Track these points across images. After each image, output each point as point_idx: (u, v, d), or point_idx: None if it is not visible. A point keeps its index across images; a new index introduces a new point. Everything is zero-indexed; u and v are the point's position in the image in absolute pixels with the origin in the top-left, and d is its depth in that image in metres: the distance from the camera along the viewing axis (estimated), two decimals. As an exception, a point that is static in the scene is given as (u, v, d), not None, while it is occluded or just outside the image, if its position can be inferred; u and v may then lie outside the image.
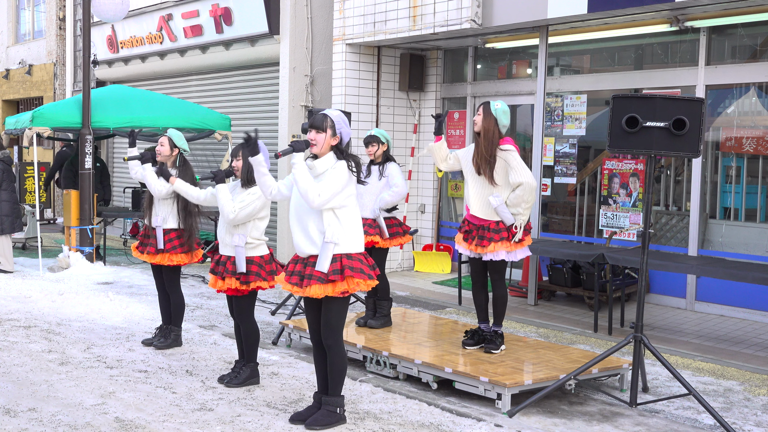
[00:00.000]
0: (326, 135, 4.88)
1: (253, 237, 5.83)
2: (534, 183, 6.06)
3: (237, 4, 12.57)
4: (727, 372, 6.66)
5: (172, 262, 6.79)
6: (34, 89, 19.94)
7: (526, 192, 6.02)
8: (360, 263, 4.86)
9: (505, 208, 6.09)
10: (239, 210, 5.72)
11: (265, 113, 12.99)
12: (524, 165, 6.09)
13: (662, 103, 5.33)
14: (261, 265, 5.87)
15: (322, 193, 4.69)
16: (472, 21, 9.25)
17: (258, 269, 5.84)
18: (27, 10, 20.85)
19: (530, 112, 10.21)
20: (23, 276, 10.46)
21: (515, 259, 6.22)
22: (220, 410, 5.36)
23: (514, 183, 6.04)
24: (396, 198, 6.91)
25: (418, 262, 11.42)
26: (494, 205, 6.10)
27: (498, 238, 6.13)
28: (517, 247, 6.16)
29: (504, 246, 6.12)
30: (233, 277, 5.82)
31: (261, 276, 5.85)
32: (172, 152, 6.85)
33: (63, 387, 5.77)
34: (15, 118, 12.03)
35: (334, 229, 4.81)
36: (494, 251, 6.13)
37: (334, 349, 4.97)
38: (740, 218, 8.72)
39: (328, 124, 4.89)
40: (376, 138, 7.01)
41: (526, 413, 5.46)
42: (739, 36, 8.61)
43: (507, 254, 6.16)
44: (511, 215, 6.09)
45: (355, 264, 4.83)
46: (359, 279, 4.82)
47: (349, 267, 4.80)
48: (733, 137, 8.67)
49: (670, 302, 9.05)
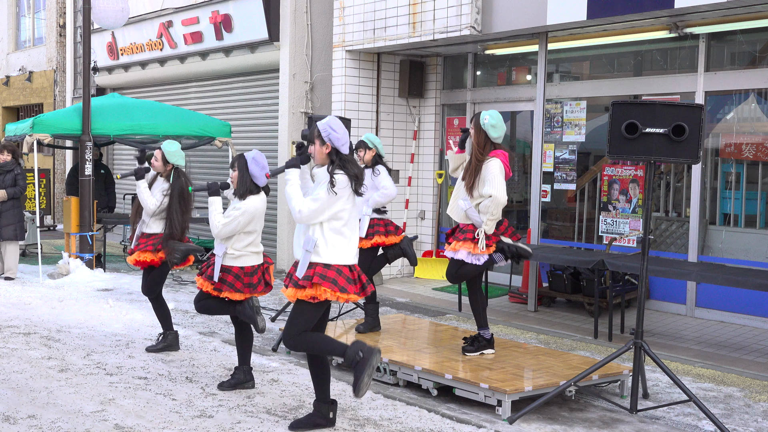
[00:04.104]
0: (316, 145, 4.94)
1: (234, 248, 5.83)
2: (503, 199, 6.06)
3: (237, 11, 12.60)
4: (728, 378, 6.65)
5: (139, 259, 6.81)
6: (34, 96, 19.96)
7: (493, 205, 6.03)
8: (336, 274, 4.84)
9: (474, 211, 6.15)
10: (222, 226, 5.75)
11: (265, 120, 13.01)
12: (501, 180, 6.09)
13: (662, 109, 5.34)
14: (238, 276, 5.85)
15: (303, 210, 4.80)
16: (471, 27, 9.27)
17: (233, 280, 5.84)
18: (27, 17, 20.89)
19: (530, 119, 10.22)
20: (23, 283, 10.45)
21: (478, 263, 6.17)
22: (219, 417, 5.35)
23: (485, 194, 6.07)
24: (384, 199, 7.08)
25: (418, 268, 11.42)
26: (463, 208, 6.19)
27: (462, 238, 6.18)
28: (481, 253, 6.14)
29: (466, 246, 6.14)
30: (208, 281, 5.90)
31: (235, 287, 5.84)
32: (166, 167, 6.88)
33: (63, 394, 5.76)
34: (15, 125, 12.04)
35: (316, 239, 4.85)
36: (456, 250, 6.19)
37: (293, 345, 5.00)
38: (740, 224, 8.72)
39: (315, 135, 4.92)
40: (363, 143, 7.21)
41: (526, 420, 5.46)
42: (738, 42, 8.63)
43: (468, 255, 6.15)
44: (479, 219, 6.11)
45: (330, 274, 4.83)
46: (326, 288, 4.81)
47: (320, 275, 4.81)
48: (732, 143, 8.67)
49: (670, 308, 9.04)
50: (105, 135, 11.48)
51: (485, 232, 6.10)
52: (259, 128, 13.17)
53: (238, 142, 12.79)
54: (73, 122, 11.18)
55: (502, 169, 6.10)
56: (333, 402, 5.15)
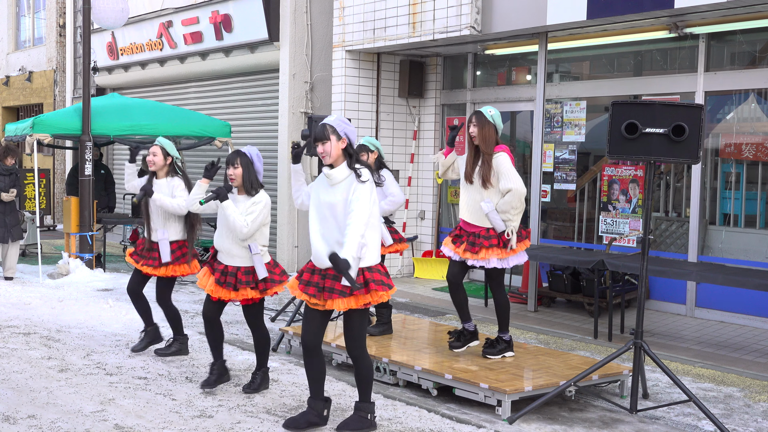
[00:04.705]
0: (332, 141, 4.87)
1: (261, 245, 5.83)
2: (523, 190, 6.05)
3: (237, 11, 12.60)
4: (728, 378, 6.65)
5: (176, 273, 6.77)
6: (34, 96, 19.96)
7: (515, 198, 6.01)
8: (380, 275, 4.88)
9: (496, 214, 6.09)
10: (251, 222, 5.68)
11: (264, 120, 13.01)
12: (515, 171, 6.09)
13: (661, 109, 5.34)
14: (272, 271, 5.87)
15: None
16: (471, 27, 9.27)
17: (271, 275, 5.85)
18: (27, 17, 20.89)
19: (530, 119, 10.23)
20: (23, 283, 10.46)
21: (508, 266, 6.18)
22: (219, 417, 5.35)
23: (503, 189, 6.04)
24: (393, 206, 6.95)
25: (418, 268, 11.42)
26: (486, 211, 6.10)
27: (488, 244, 6.11)
28: (510, 254, 6.14)
29: (495, 253, 6.10)
30: (248, 287, 5.77)
31: (275, 281, 5.85)
32: (166, 161, 6.85)
33: (62, 394, 5.76)
34: (15, 125, 12.04)
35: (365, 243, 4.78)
36: (486, 258, 6.11)
37: (360, 359, 5.01)
38: (740, 224, 8.72)
39: (330, 131, 4.88)
40: (364, 147, 7.00)
41: (526, 420, 5.46)
42: (738, 42, 8.63)
43: (498, 261, 6.12)
44: (501, 222, 6.08)
45: (376, 276, 4.85)
46: (382, 292, 4.84)
47: (372, 280, 4.81)
48: (732, 143, 8.67)
49: (670, 308, 9.04)
50: (105, 135, 11.48)
51: (514, 228, 6.06)
52: (259, 128, 13.16)
53: (238, 142, 12.79)
54: (73, 122, 11.18)
55: (511, 161, 6.10)
56: (327, 400, 5.15)
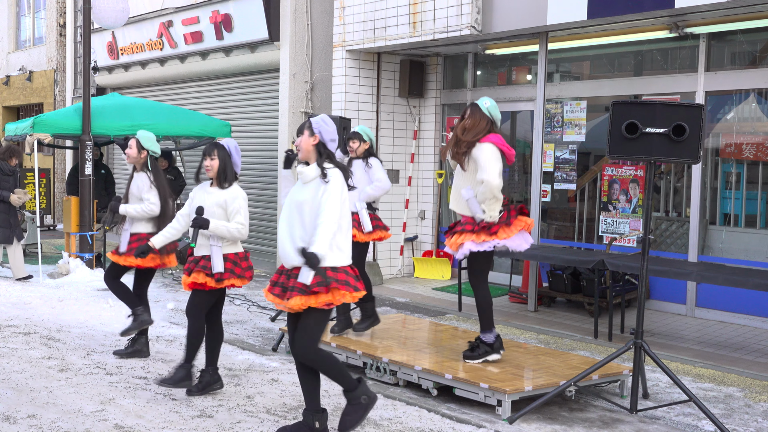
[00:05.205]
0: (305, 136, 4.86)
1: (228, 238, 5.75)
2: (496, 182, 5.85)
3: (237, 10, 12.59)
4: (728, 378, 6.65)
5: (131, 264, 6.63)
6: (35, 96, 19.96)
7: (488, 189, 5.87)
8: (345, 275, 4.78)
9: (475, 202, 5.99)
10: (241, 220, 5.67)
11: (265, 119, 13.01)
12: (493, 163, 5.89)
13: (662, 109, 5.34)
14: (236, 263, 5.80)
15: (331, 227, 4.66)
16: (471, 27, 9.27)
17: (232, 266, 5.76)
18: (27, 16, 20.89)
19: (530, 119, 10.22)
20: (23, 282, 10.46)
21: (489, 249, 5.97)
22: (219, 417, 5.35)
23: (478, 179, 5.93)
24: (378, 192, 6.89)
25: (418, 268, 11.42)
26: (465, 197, 6.02)
27: (461, 229, 6.05)
28: (490, 238, 5.95)
29: (468, 237, 5.99)
30: (203, 272, 5.66)
31: (235, 273, 5.77)
32: (140, 154, 6.73)
33: (62, 393, 5.76)
34: (15, 124, 12.04)
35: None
36: (460, 243, 6.01)
37: (312, 359, 4.83)
38: (740, 224, 8.72)
39: (305, 126, 4.88)
40: (358, 135, 7.00)
41: (526, 420, 5.46)
42: (738, 42, 8.63)
43: (474, 244, 5.95)
44: (480, 210, 5.97)
45: (341, 276, 4.75)
46: (345, 291, 4.74)
47: (335, 279, 4.71)
48: (732, 143, 8.67)
49: (670, 308, 9.04)
50: (105, 135, 11.47)
51: (493, 218, 5.92)
52: (259, 128, 13.16)
53: (238, 142, 12.78)
54: (73, 122, 11.17)
55: (494, 153, 5.93)
56: (323, 411, 4.93)
